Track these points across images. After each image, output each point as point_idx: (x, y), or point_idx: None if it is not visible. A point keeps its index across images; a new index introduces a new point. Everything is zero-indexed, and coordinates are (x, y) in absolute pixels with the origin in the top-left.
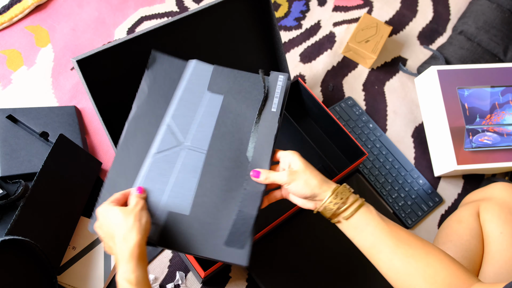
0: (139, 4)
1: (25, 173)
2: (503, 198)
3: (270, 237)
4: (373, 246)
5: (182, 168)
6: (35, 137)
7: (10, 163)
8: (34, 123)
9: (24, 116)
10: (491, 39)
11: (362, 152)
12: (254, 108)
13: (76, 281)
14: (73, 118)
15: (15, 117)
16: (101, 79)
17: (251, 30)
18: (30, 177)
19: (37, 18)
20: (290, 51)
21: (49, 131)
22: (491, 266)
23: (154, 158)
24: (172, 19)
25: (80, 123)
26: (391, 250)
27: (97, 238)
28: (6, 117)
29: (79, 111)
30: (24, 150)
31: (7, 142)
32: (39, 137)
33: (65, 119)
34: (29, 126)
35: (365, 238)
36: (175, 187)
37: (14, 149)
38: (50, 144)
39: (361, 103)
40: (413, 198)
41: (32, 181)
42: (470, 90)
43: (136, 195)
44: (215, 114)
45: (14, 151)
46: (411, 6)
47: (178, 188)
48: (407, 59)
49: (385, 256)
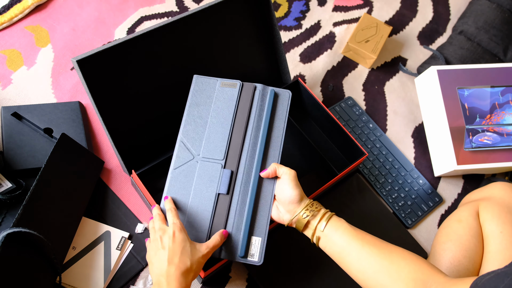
0: (139, 4)
1: (30, 168)
2: (502, 198)
3: (270, 237)
4: (342, 249)
5: (198, 179)
6: (39, 133)
7: (15, 159)
8: (38, 120)
9: (29, 113)
10: (491, 39)
11: (362, 152)
12: (260, 117)
13: (76, 281)
14: (77, 114)
15: (20, 114)
16: (101, 79)
17: (251, 30)
18: (34, 172)
19: (37, 18)
20: (290, 51)
21: (53, 127)
22: (491, 265)
23: (172, 174)
24: (172, 19)
25: (84, 118)
26: (358, 251)
27: (97, 238)
28: (11, 115)
29: (83, 106)
30: (29, 146)
31: (12, 138)
32: (43, 134)
33: (69, 115)
34: (33, 122)
35: (335, 243)
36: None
37: (19, 145)
38: (54, 140)
39: (361, 103)
40: (413, 198)
41: (37, 176)
42: (470, 90)
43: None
44: (225, 124)
45: (19, 147)
46: (411, 6)
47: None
48: (407, 59)
49: (352, 258)
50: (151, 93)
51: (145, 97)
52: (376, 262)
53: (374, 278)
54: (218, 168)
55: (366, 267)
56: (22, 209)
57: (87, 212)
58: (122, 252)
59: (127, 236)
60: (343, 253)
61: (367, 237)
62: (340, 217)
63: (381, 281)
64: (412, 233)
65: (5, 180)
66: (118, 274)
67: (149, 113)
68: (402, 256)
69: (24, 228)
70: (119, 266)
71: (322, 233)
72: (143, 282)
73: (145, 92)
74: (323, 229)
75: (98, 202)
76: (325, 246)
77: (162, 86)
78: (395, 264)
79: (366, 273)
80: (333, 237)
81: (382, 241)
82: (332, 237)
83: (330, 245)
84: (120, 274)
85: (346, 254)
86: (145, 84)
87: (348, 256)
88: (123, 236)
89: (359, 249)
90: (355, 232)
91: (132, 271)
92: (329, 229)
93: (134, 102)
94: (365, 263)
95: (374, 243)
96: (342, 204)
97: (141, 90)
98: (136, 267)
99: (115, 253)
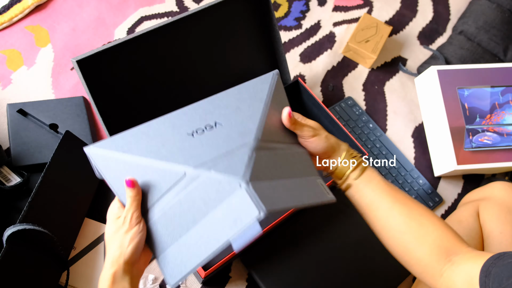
0: (139, 4)
1: (36, 163)
2: (502, 198)
3: (270, 237)
4: (372, 202)
5: None
6: (45, 129)
7: (21, 154)
8: (43, 116)
9: (34, 110)
10: (491, 39)
11: (362, 152)
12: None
13: (77, 281)
14: (81, 109)
15: (25, 110)
16: (101, 79)
17: (251, 30)
18: (40, 167)
19: (37, 18)
20: (290, 51)
21: (58, 123)
22: None
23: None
24: (172, 19)
25: (88, 113)
26: (388, 207)
27: (97, 238)
28: (17, 111)
29: (87, 101)
30: (35, 142)
31: (18, 135)
32: (49, 129)
33: (73, 110)
34: (38, 118)
35: (366, 195)
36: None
37: (25, 142)
38: (60, 136)
39: (361, 103)
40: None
41: (42, 173)
42: (470, 90)
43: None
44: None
45: (25, 143)
46: (411, 6)
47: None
48: (407, 59)
49: (381, 213)
50: (151, 93)
51: (146, 97)
52: (404, 223)
53: (400, 237)
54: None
55: (393, 225)
56: (28, 205)
57: (88, 211)
58: None
59: None
60: (372, 206)
61: (399, 195)
62: (373, 169)
63: (406, 242)
64: None
65: (13, 174)
66: None
67: (150, 113)
68: (431, 221)
69: (30, 225)
70: None
71: (354, 182)
72: (143, 282)
73: (146, 92)
74: (356, 178)
75: (99, 202)
76: (354, 195)
77: (162, 86)
78: (424, 227)
79: (392, 231)
80: (364, 189)
81: (414, 200)
82: (363, 188)
83: (359, 195)
84: None
85: (374, 208)
86: (146, 84)
87: (376, 211)
88: None
89: (390, 206)
90: (387, 188)
91: None
92: (362, 180)
93: (135, 102)
94: (393, 221)
95: (405, 202)
96: (342, 204)
97: (141, 90)
98: None
99: None
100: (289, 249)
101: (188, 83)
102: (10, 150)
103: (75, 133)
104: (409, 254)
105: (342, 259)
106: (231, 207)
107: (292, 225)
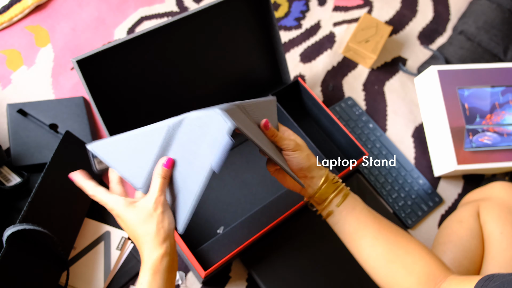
0: (139, 4)
1: (36, 163)
2: (502, 198)
3: (270, 237)
4: (356, 231)
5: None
6: (44, 129)
7: (21, 154)
8: (43, 116)
9: (34, 110)
10: (491, 39)
11: (362, 152)
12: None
13: (76, 281)
14: (81, 109)
15: (25, 111)
16: (101, 79)
17: (251, 30)
18: (40, 167)
19: (37, 18)
20: (290, 51)
21: (58, 123)
22: (491, 266)
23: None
24: (172, 19)
25: (88, 113)
26: (373, 236)
27: (97, 238)
28: (17, 111)
29: (87, 101)
30: (35, 142)
31: (18, 135)
32: (49, 129)
33: (73, 110)
34: (38, 119)
35: (349, 223)
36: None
37: (25, 142)
38: (60, 136)
39: (361, 103)
40: (413, 198)
41: (42, 173)
42: (470, 90)
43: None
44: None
45: (25, 143)
46: (411, 6)
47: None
48: (407, 59)
49: (366, 242)
50: (151, 93)
51: (146, 97)
52: (391, 251)
53: (387, 267)
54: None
55: (380, 254)
56: (28, 205)
57: (88, 211)
58: (122, 252)
59: (127, 236)
60: (356, 235)
61: (383, 222)
62: (355, 195)
63: (393, 272)
64: (412, 233)
65: (13, 174)
66: (118, 274)
67: (150, 113)
68: (416, 248)
69: (30, 225)
70: (119, 266)
71: (337, 208)
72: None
73: (146, 92)
74: (338, 205)
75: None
76: (336, 223)
77: (162, 85)
78: (411, 256)
79: (379, 260)
80: (347, 217)
81: (397, 227)
82: (346, 216)
83: (342, 223)
84: (120, 274)
85: (359, 237)
86: (146, 84)
87: (361, 239)
88: (123, 236)
89: (375, 236)
90: (371, 216)
91: (132, 271)
92: (345, 206)
93: (135, 102)
94: (380, 250)
95: (391, 230)
96: None
97: (141, 90)
98: (136, 267)
99: (115, 253)
100: (289, 249)
101: (188, 82)
102: (10, 150)
103: (75, 133)
104: (398, 284)
105: (342, 259)
106: (211, 134)
107: (292, 225)
